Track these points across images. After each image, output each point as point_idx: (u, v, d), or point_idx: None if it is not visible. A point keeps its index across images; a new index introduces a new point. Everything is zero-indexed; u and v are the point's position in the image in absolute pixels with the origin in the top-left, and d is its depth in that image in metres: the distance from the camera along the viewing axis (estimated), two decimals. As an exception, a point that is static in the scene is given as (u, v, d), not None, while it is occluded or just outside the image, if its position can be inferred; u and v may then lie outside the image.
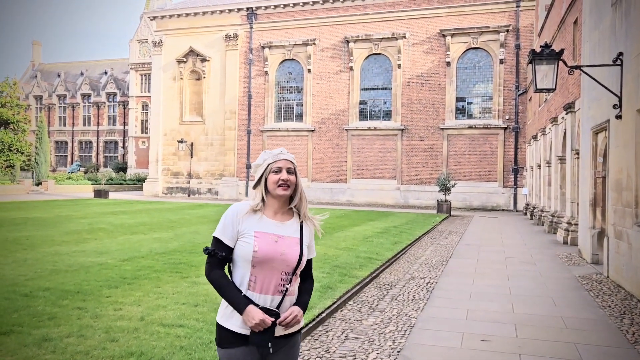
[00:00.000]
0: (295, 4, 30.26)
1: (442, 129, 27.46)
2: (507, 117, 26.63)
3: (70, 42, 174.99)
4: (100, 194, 28.99)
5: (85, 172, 47.00)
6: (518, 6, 26.31)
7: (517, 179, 26.27)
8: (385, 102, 29.16)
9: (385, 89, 29.13)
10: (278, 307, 2.22)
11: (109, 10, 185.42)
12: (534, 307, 6.43)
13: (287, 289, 2.24)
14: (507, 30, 26.42)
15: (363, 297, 6.74)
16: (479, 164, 26.90)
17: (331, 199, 29.40)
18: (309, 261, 2.39)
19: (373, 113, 29.40)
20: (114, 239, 11.39)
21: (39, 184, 35.53)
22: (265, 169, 2.30)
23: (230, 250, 2.27)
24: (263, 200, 2.30)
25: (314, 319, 5.44)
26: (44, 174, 37.06)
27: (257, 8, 31.18)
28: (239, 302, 2.18)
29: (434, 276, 8.30)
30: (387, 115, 29.01)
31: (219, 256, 2.24)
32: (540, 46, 8.53)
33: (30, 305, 5.63)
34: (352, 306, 6.26)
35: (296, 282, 2.30)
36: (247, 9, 31.31)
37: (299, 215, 2.37)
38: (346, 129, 29.26)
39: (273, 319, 2.16)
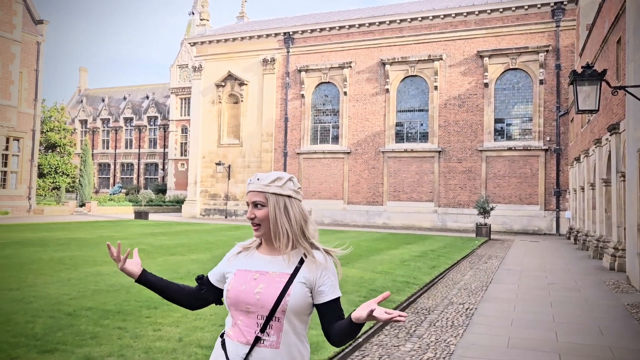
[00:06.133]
0: (331, 28, 30.69)
1: (481, 150, 27.06)
2: (548, 138, 26.05)
3: (114, 68, 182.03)
4: (140, 215, 29.66)
5: (127, 194, 48.29)
6: (558, 26, 25.92)
7: (559, 202, 25.54)
8: (421, 124, 29.00)
9: (422, 110, 29.01)
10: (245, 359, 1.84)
11: (151, 37, 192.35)
12: (579, 335, 6.18)
13: (258, 337, 1.83)
14: (547, 51, 26.02)
15: (400, 322, 6.62)
16: (519, 186, 26.30)
17: (367, 221, 29.22)
18: (334, 305, 1.89)
19: (409, 135, 29.26)
20: (153, 259, 11.60)
21: (82, 205, 36.69)
22: None
23: (215, 290, 2.05)
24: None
25: (350, 344, 5.37)
26: (87, 195, 38.28)
27: (294, 32, 31.76)
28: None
29: (473, 302, 8.10)
30: (424, 137, 28.82)
31: (201, 288, 2.06)
32: (582, 67, 8.36)
33: (73, 324, 5.77)
34: (389, 331, 6.16)
35: (280, 330, 1.84)
36: (284, 33, 31.92)
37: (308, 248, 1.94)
38: (382, 151, 29.19)
39: None
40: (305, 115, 31.39)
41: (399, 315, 1.66)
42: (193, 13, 54.85)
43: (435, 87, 28.14)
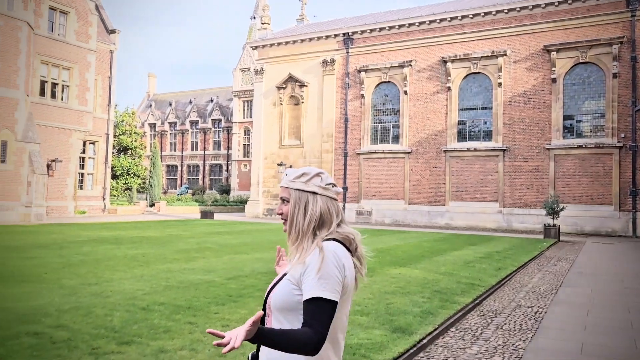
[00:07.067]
0: (391, 27, 30.46)
1: (548, 148, 25.98)
2: (622, 135, 24.64)
3: (180, 73, 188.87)
4: (206, 214, 30.63)
5: (193, 194, 49.98)
6: (633, 15, 24.46)
7: (636, 202, 24.10)
8: (485, 122, 28.23)
9: (485, 108, 28.23)
10: (256, 353, 1.91)
11: (215, 43, 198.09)
12: (660, 343, 5.84)
13: None
14: (621, 42, 24.62)
15: (466, 325, 6.51)
16: (591, 185, 25.04)
17: (429, 222, 28.78)
18: (309, 305, 1.72)
19: (472, 133, 28.56)
20: (219, 258, 11.98)
21: (152, 205, 38.33)
22: None
23: None
24: None
25: (414, 345, 5.35)
26: (156, 195, 39.94)
27: (353, 33, 31.77)
28: None
29: (542, 305, 7.82)
30: (488, 135, 28.03)
31: None
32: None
33: (147, 318, 6.08)
34: (454, 333, 6.07)
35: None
36: (344, 34, 32.00)
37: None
38: (444, 150, 28.65)
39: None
40: (365, 115, 31.33)
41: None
42: (254, 17, 56.07)
43: (499, 84, 27.30)
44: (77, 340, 5.12)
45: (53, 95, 27.47)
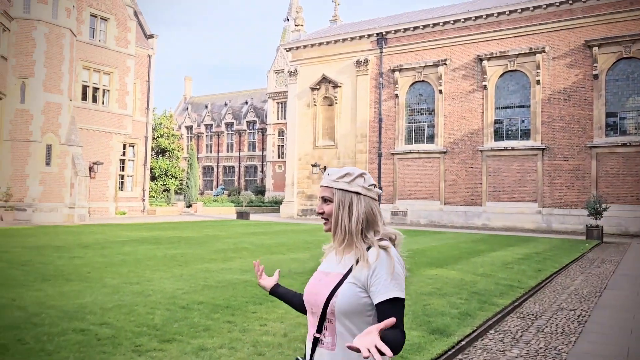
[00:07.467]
0: (425, 26, 30.16)
1: (590, 147, 25.22)
2: (669, 132, 23.70)
3: (216, 76, 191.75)
4: (242, 215, 31.00)
5: (229, 195, 50.68)
6: (679, 8, 23.52)
7: (683, 201, 23.13)
8: (523, 121, 27.61)
9: (523, 106, 27.62)
10: (310, 358, 1.87)
11: (249, 45, 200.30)
12: None
13: (317, 337, 1.85)
14: (667, 36, 23.69)
15: (505, 327, 6.40)
16: (636, 185, 24.16)
17: (465, 222, 28.34)
18: (387, 306, 1.72)
19: (510, 132, 27.98)
20: (256, 258, 12.10)
21: (189, 206, 39.06)
22: None
23: None
24: None
25: (453, 347, 5.29)
26: (193, 196, 40.69)
27: (387, 33, 31.59)
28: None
29: (585, 308, 7.61)
30: (526, 134, 27.41)
31: None
32: None
33: (187, 317, 6.21)
34: (493, 336, 5.97)
35: (334, 332, 1.80)
36: (377, 34, 31.86)
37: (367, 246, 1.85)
38: (480, 150, 28.17)
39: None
40: (400, 115, 31.10)
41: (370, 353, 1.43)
42: (288, 19, 56.46)
43: (538, 82, 26.66)
44: (121, 338, 5.28)
45: (94, 100, 28.35)
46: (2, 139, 23.21)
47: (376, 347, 1.44)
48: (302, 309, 2.11)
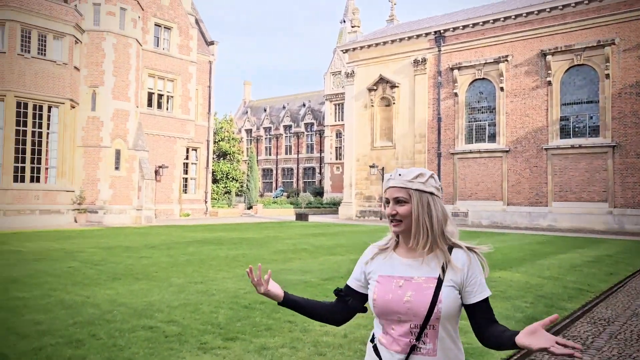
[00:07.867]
0: (484, 22, 29.36)
1: (666, 143, 23.71)
2: None
3: (273, 80, 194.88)
4: (301, 216, 31.31)
5: (288, 197, 51.35)
6: None
7: None
8: (591, 117, 26.32)
9: (591, 102, 26.33)
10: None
11: (306, 48, 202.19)
12: None
13: (414, 345, 1.78)
14: None
15: (574, 332, 6.14)
16: None
17: (530, 223, 27.34)
18: (484, 305, 1.80)
19: (577, 129, 26.75)
20: (315, 259, 12.21)
21: (250, 207, 39.89)
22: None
23: (360, 297, 2.00)
24: (398, 235, 1.90)
25: (518, 351, 5.14)
26: (254, 198, 41.53)
27: (445, 30, 31.00)
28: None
29: (663, 314, 7.16)
30: (594, 131, 26.11)
31: (346, 299, 2.01)
32: None
33: (250, 316, 6.36)
34: (561, 341, 5.73)
35: (435, 338, 1.78)
36: (435, 32, 31.33)
37: (448, 247, 1.84)
38: (545, 148, 27.10)
39: None
40: (459, 114, 30.44)
41: (574, 349, 1.47)
42: (344, 21, 56.59)
43: (607, 76, 25.33)
44: (187, 335, 5.48)
45: (159, 106, 29.54)
46: (76, 145, 24.63)
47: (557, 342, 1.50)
48: (326, 319, 2.07)
